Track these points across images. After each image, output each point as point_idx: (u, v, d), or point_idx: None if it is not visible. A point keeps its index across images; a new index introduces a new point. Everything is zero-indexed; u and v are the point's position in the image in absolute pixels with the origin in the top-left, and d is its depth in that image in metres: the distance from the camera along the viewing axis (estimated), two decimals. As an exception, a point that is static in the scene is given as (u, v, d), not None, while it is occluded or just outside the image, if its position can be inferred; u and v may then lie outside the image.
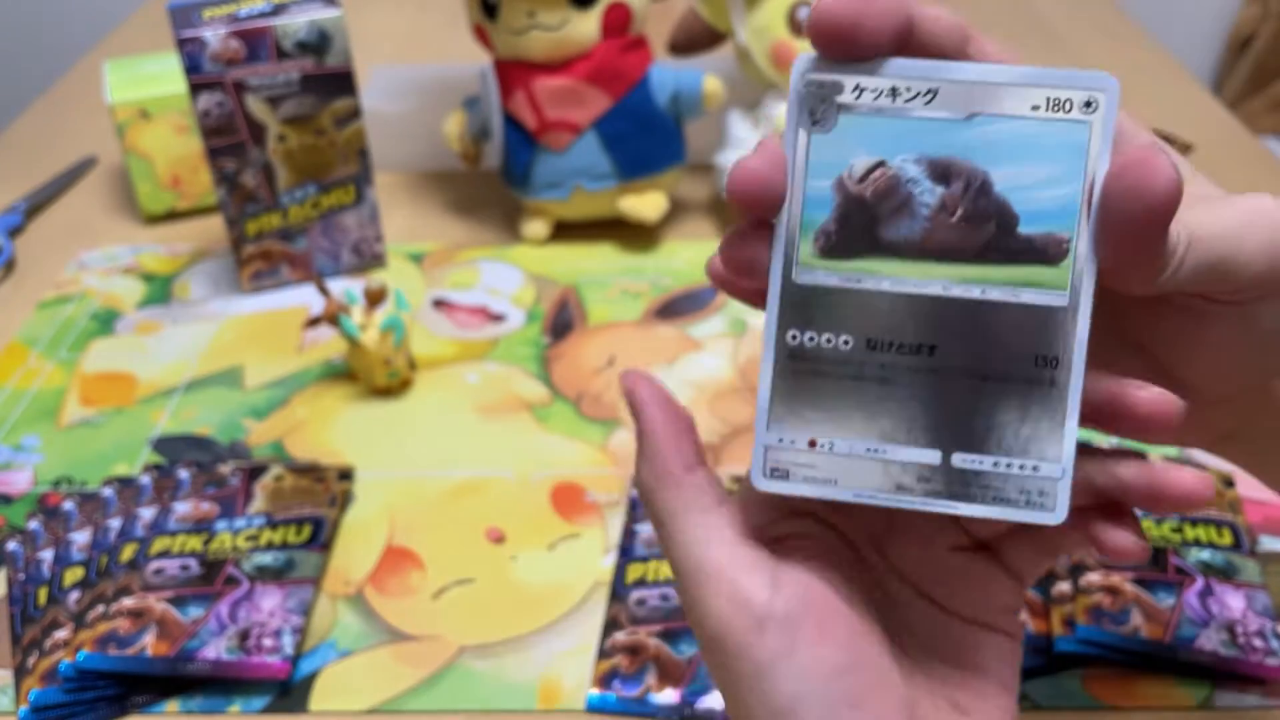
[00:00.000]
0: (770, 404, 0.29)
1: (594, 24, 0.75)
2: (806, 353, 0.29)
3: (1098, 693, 0.49)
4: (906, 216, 0.28)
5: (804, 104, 0.28)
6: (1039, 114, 0.27)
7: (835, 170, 0.28)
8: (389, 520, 0.59)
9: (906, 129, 0.28)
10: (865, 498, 0.29)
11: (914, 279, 0.28)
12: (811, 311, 0.28)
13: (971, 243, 0.28)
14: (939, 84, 0.27)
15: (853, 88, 0.28)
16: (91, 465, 0.63)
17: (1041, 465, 0.28)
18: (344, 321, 0.65)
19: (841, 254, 0.28)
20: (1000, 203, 0.27)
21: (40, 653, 0.51)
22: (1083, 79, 0.27)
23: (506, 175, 0.81)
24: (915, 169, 0.28)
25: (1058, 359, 0.28)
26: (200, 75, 0.70)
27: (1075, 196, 0.27)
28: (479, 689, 0.50)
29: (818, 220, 0.28)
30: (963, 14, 0.97)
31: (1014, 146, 0.27)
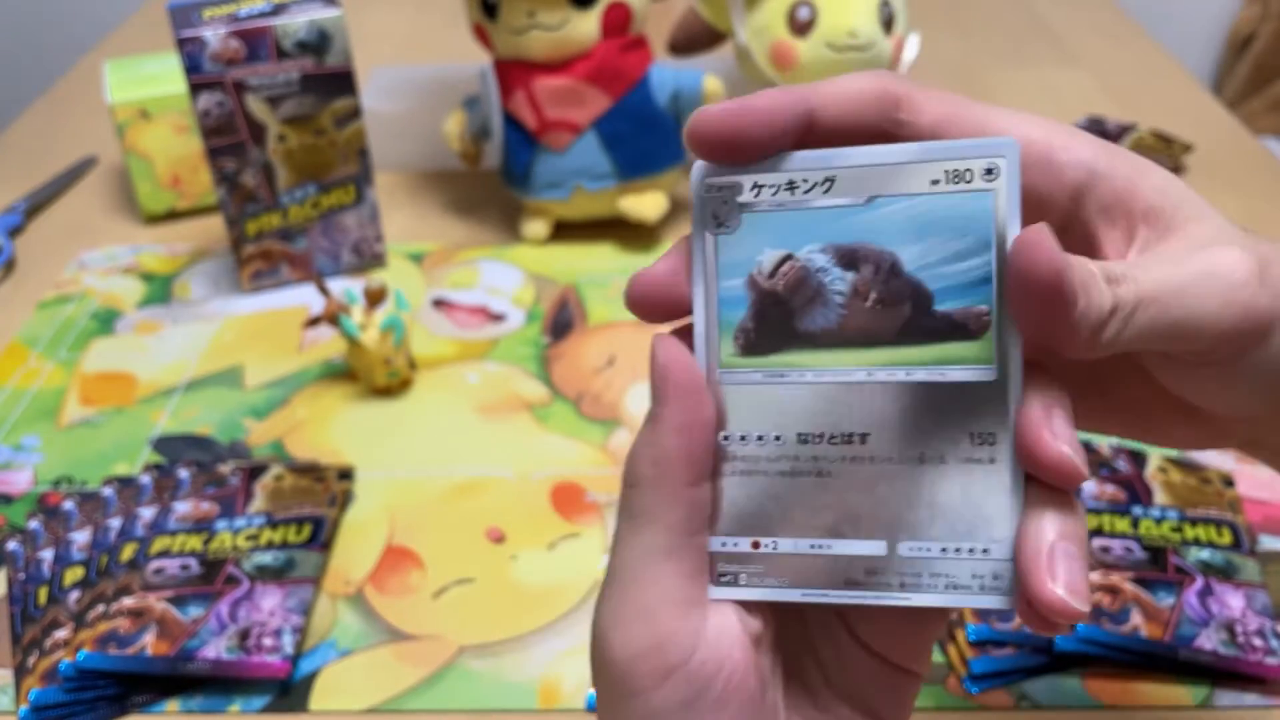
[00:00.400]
0: (711, 509, 0.28)
1: (594, 24, 0.75)
2: (739, 453, 0.28)
3: (1098, 693, 0.49)
4: (821, 306, 0.27)
5: (706, 209, 0.28)
6: (939, 188, 0.27)
7: (745, 268, 0.28)
8: (389, 520, 0.59)
9: (809, 220, 0.27)
10: (815, 596, 0.28)
11: (837, 368, 0.27)
12: (739, 412, 0.28)
13: (889, 326, 0.27)
14: (835, 172, 0.27)
15: (750, 186, 0.28)
16: (91, 465, 0.63)
17: (992, 547, 0.27)
18: (344, 321, 0.65)
19: (762, 350, 0.28)
20: (913, 282, 0.27)
21: (40, 652, 0.51)
22: (980, 147, 0.26)
23: (506, 175, 0.81)
24: (823, 258, 0.27)
25: (994, 434, 0.27)
26: (200, 75, 0.70)
27: (989, 267, 0.26)
28: (479, 689, 0.51)
29: (735, 320, 0.28)
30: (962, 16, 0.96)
31: (918, 224, 0.27)
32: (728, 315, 0.28)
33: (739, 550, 0.28)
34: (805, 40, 0.76)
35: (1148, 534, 0.54)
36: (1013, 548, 0.27)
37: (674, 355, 0.27)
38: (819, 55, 0.75)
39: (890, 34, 0.77)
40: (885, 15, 0.76)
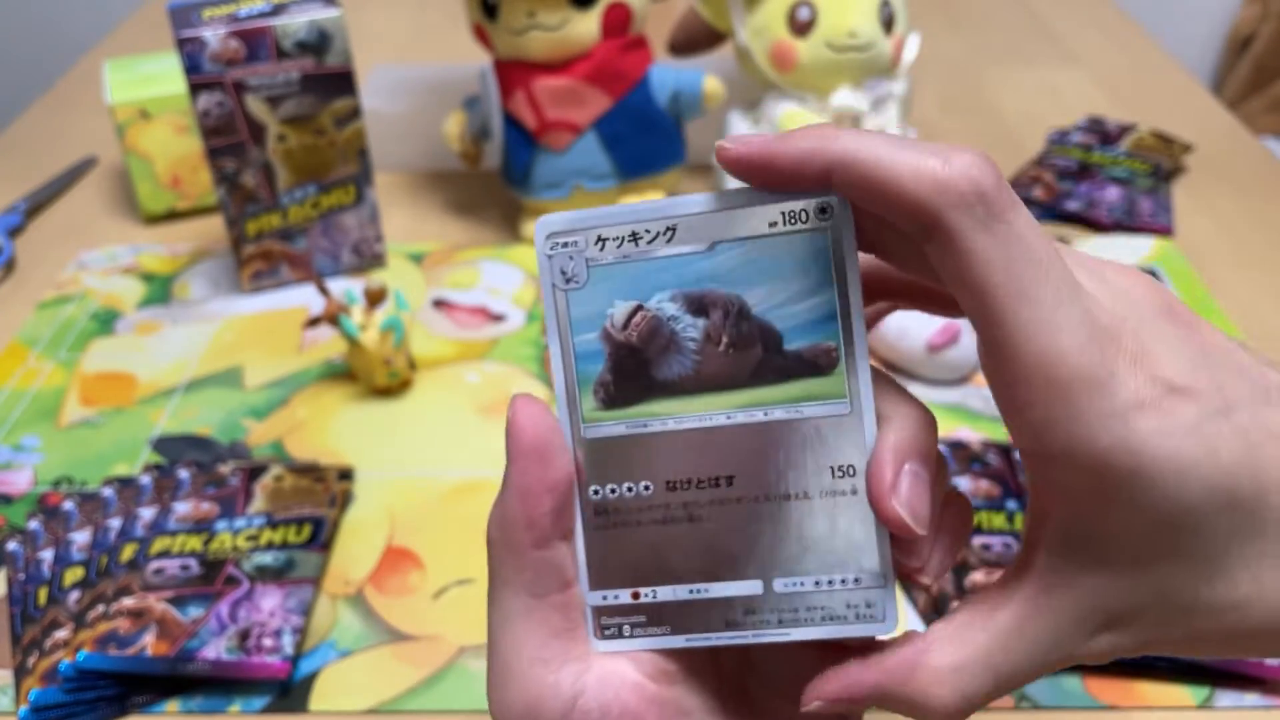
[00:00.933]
0: (588, 564, 0.29)
1: (594, 24, 0.75)
2: (611, 506, 0.28)
3: (1098, 693, 0.49)
4: (676, 354, 0.28)
5: (553, 265, 0.28)
6: (778, 229, 0.27)
7: (598, 322, 0.28)
8: (389, 520, 0.59)
9: (656, 269, 0.28)
10: (698, 641, 0.28)
11: (696, 413, 0.28)
12: (607, 465, 0.28)
13: (743, 368, 0.28)
14: (676, 220, 0.28)
15: (595, 240, 0.28)
16: (91, 465, 0.63)
17: (863, 576, 0.28)
18: (344, 321, 0.65)
19: (622, 402, 0.28)
20: (761, 324, 0.27)
21: (40, 653, 0.51)
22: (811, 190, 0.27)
23: (506, 175, 0.81)
24: (673, 306, 0.28)
25: (853, 465, 0.27)
26: (200, 75, 0.70)
27: (832, 304, 0.27)
28: (479, 689, 0.50)
29: (592, 374, 0.28)
30: (962, 16, 0.96)
31: (761, 266, 0.27)
32: (585, 370, 0.28)
33: (620, 603, 0.29)
34: (805, 40, 0.76)
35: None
36: (881, 575, 0.27)
37: (524, 416, 0.27)
38: (819, 55, 0.75)
39: (890, 34, 0.77)
40: (885, 15, 0.76)
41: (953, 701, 0.26)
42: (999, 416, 0.32)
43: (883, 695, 0.27)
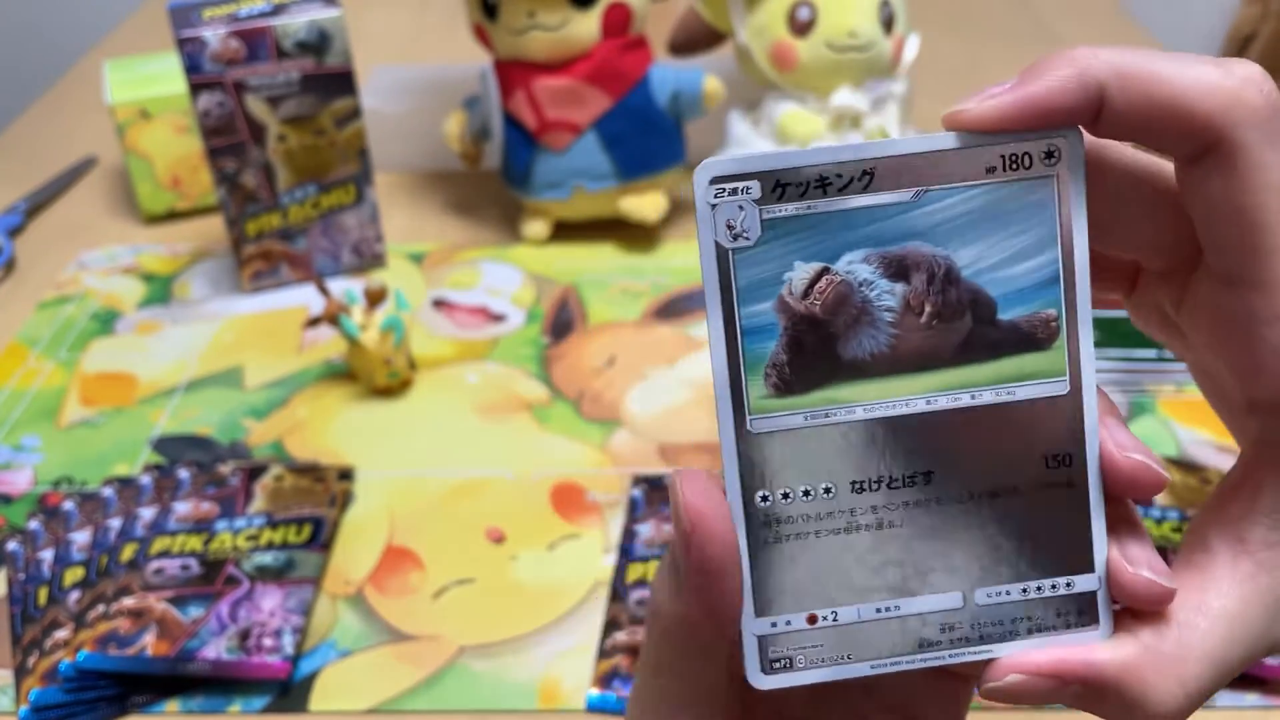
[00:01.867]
0: (753, 585, 0.24)
1: (594, 24, 0.75)
2: (782, 514, 0.24)
3: (1098, 693, 0.49)
4: (868, 327, 0.24)
5: (717, 217, 0.23)
6: (996, 176, 0.23)
7: (773, 289, 0.23)
8: (389, 520, 0.59)
9: (846, 222, 0.23)
10: (887, 666, 0.25)
11: (891, 399, 0.24)
12: (778, 465, 0.24)
13: (948, 343, 0.24)
14: (874, 163, 0.23)
15: (772, 186, 0.23)
16: (91, 465, 0.63)
17: (1075, 580, 0.24)
18: (344, 321, 0.65)
19: (801, 388, 0.24)
20: (972, 289, 0.24)
21: (40, 653, 0.51)
22: (1040, 132, 0.23)
23: (506, 175, 0.81)
24: (866, 269, 0.23)
25: (1070, 455, 0.24)
26: (200, 75, 0.70)
27: (1054, 264, 0.24)
28: (479, 689, 0.50)
29: (764, 353, 0.24)
30: (962, 16, 0.96)
31: (974, 220, 0.23)
32: (755, 348, 0.24)
33: (792, 629, 0.24)
34: (805, 40, 0.76)
35: (1150, 533, 0.54)
36: (1102, 577, 0.24)
37: (701, 512, 0.23)
38: (819, 55, 0.75)
39: (890, 34, 0.77)
40: (885, 15, 0.76)
41: (1178, 701, 0.23)
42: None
43: (1100, 685, 0.23)
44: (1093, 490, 0.24)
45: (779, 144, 0.78)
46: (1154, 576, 0.24)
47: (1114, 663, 0.23)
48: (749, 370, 0.24)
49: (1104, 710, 0.24)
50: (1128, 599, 0.24)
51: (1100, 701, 0.24)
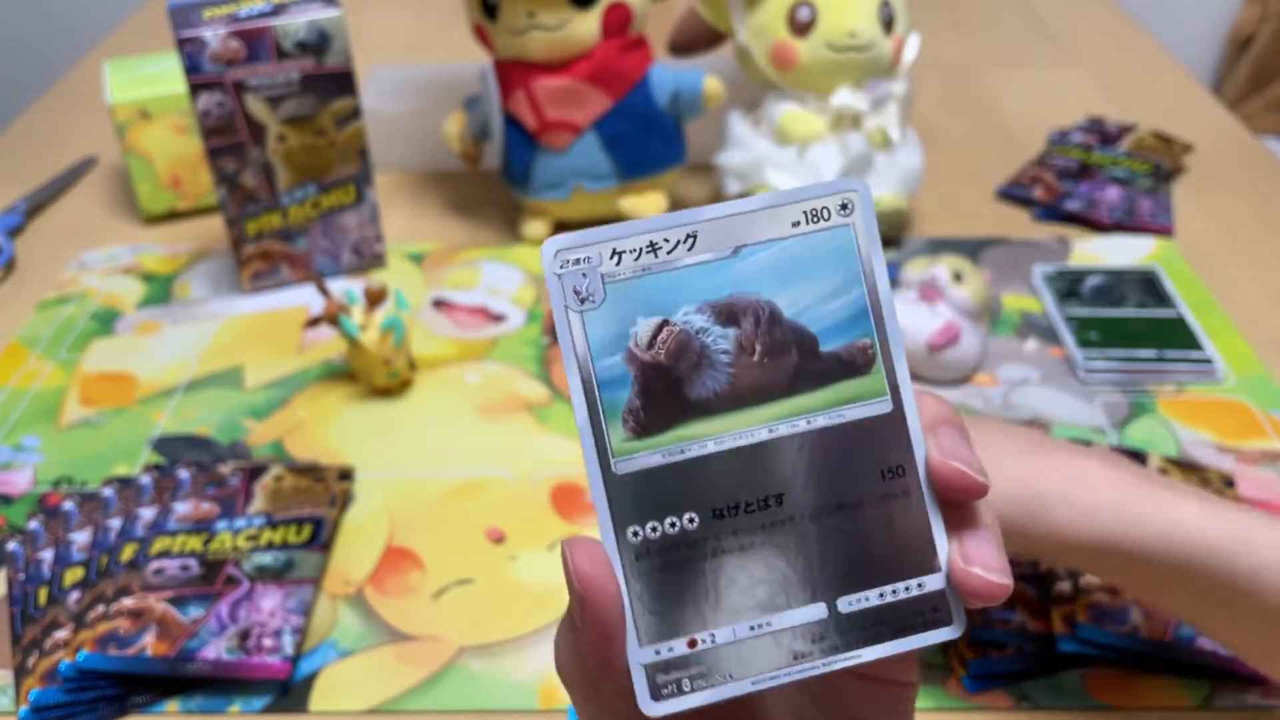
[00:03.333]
0: (634, 615, 0.26)
1: (594, 24, 0.75)
2: (654, 546, 0.26)
3: (1098, 693, 0.49)
4: (708, 369, 0.26)
5: (565, 285, 0.26)
6: (800, 229, 0.26)
7: (620, 343, 0.26)
8: (389, 520, 0.59)
9: (678, 280, 0.26)
10: (766, 681, 0.26)
11: (737, 430, 0.26)
12: (644, 501, 0.26)
13: (780, 376, 0.26)
14: (695, 227, 0.26)
15: (609, 254, 0.26)
16: (91, 465, 0.63)
17: (924, 580, 0.27)
18: (344, 321, 0.65)
19: (656, 429, 0.26)
20: (795, 327, 0.26)
21: (40, 653, 0.51)
22: (830, 186, 0.27)
23: (506, 175, 0.81)
24: (700, 318, 0.26)
25: (902, 466, 0.27)
26: (200, 75, 0.70)
27: (862, 299, 0.27)
28: (479, 689, 0.50)
29: (619, 401, 0.26)
30: (962, 16, 0.96)
31: (788, 268, 0.26)
32: (611, 397, 0.26)
33: (675, 655, 0.26)
34: (805, 40, 0.76)
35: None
36: (943, 576, 0.27)
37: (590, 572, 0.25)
38: (819, 55, 0.75)
39: (890, 34, 0.77)
40: (885, 15, 0.76)
41: None
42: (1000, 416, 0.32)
43: None
44: (927, 496, 0.27)
45: (779, 144, 0.78)
46: (985, 574, 0.26)
47: None
48: (608, 417, 0.26)
49: None
50: (966, 596, 0.26)
51: None
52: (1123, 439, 0.63)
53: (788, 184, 0.76)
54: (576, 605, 0.26)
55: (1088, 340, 0.70)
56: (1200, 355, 0.68)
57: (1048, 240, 0.82)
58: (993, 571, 0.26)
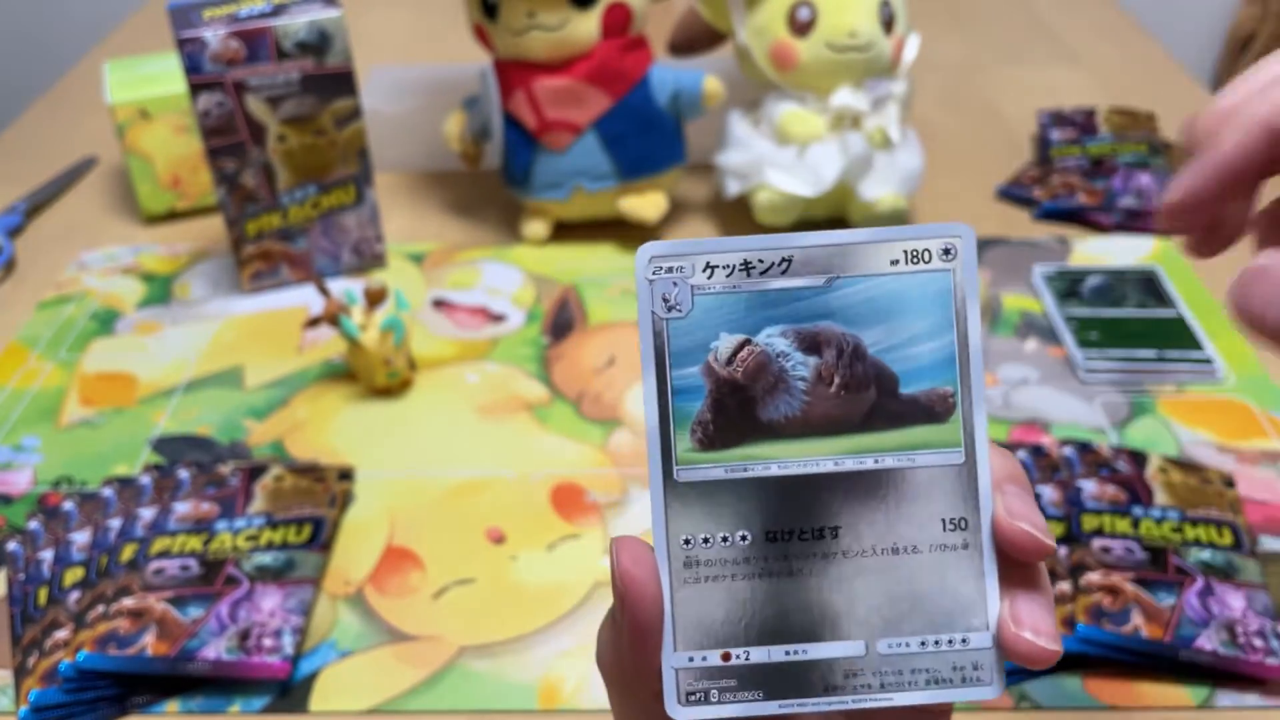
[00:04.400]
0: (674, 620, 0.27)
1: (594, 24, 0.75)
2: (703, 558, 0.27)
3: (1098, 693, 0.49)
4: (784, 393, 0.27)
5: (654, 291, 0.27)
6: (899, 268, 0.26)
7: (700, 355, 0.27)
8: (389, 520, 0.59)
9: (767, 301, 0.26)
10: (794, 706, 0.27)
11: (803, 458, 0.27)
12: (701, 512, 0.27)
13: (855, 411, 0.27)
14: (792, 252, 0.26)
15: (703, 267, 0.26)
16: (91, 465, 0.63)
17: (970, 636, 0.27)
18: (344, 321, 0.65)
19: (722, 444, 0.27)
20: (877, 365, 0.26)
21: (40, 653, 0.51)
22: (936, 229, 0.26)
23: (506, 175, 0.81)
24: (783, 342, 0.26)
25: (965, 519, 0.26)
26: (200, 75, 0.70)
27: (951, 347, 0.26)
28: (479, 689, 0.50)
29: (691, 411, 0.27)
30: (962, 16, 0.96)
31: (879, 305, 0.26)
32: (683, 407, 0.27)
33: (708, 665, 0.27)
34: (805, 40, 0.75)
35: (1148, 534, 0.54)
36: (994, 636, 0.26)
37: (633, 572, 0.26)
38: (819, 55, 0.75)
39: (890, 34, 0.77)
40: (885, 15, 0.76)
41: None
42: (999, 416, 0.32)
43: None
44: (986, 553, 0.27)
45: (779, 144, 0.78)
46: (1034, 639, 0.26)
47: None
48: (678, 425, 0.27)
49: None
50: (1012, 658, 0.26)
51: None
52: (1123, 439, 0.63)
53: (788, 184, 0.76)
54: (618, 602, 0.26)
55: (1088, 340, 0.70)
56: (1200, 355, 0.68)
57: (1048, 240, 0.82)
58: (1043, 636, 0.26)
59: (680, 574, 0.27)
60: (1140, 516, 0.56)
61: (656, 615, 0.26)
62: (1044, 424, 0.64)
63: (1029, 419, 0.65)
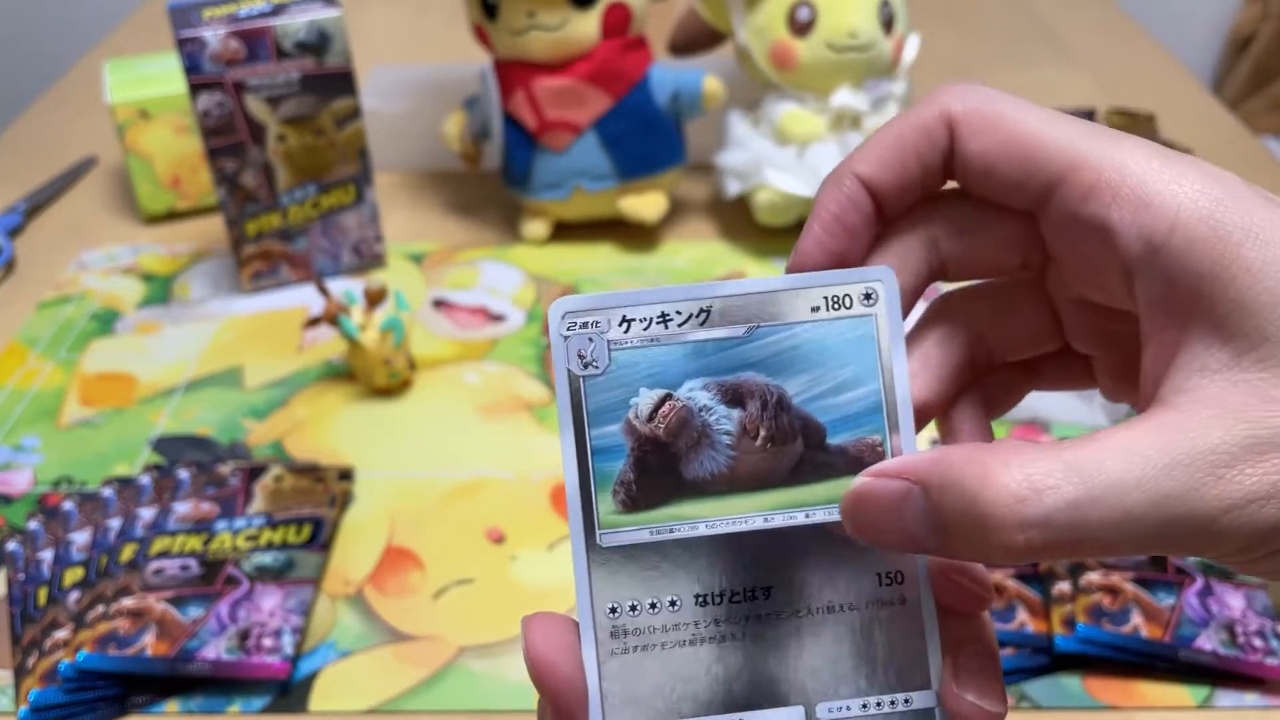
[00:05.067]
0: (601, 695, 0.25)
1: (594, 24, 0.75)
2: (631, 627, 0.25)
3: (1098, 693, 0.49)
4: (707, 449, 0.25)
5: (569, 348, 0.25)
6: (819, 315, 0.26)
7: (620, 413, 0.25)
8: (389, 520, 0.59)
9: (686, 355, 0.25)
10: None
11: (730, 516, 0.25)
12: (626, 578, 0.25)
13: (782, 465, 0.25)
14: (710, 302, 0.25)
15: (619, 321, 0.25)
16: (91, 465, 0.63)
17: (913, 697, 0.25)
18: (344, 321, 0.65)
19: (646, 505, 0.25)
20: (803, 416, 0.25)
21: (40, 653, 0.51)
22: (857, 274, 0.26)
23: (506, 175, 0.81)
24: (706, 396, 0.25)
25: (901, 573, 0.25)
26: (200, 75, 0.70)
27: (877, 395, 0.26)
28: (479, 689, 0.50)
29: (612, 472, 0.25)
30: (962, 16, 0.96)
31: (802, 354, 0.25)
32: (604, 467, 0.25)
33: None
34: (805, 40, 0.76)
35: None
36: (934, 695, 0.25)
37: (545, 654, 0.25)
38: (819, 55, 0.75)
39: (890, 34, 0.77)
40: (885, 15, 0.76)
41: (1019, 490, 0.21)
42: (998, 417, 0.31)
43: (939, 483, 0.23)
44: (925, 607, 0.26)
45: (779, 144, 0.78)
46: (978, 701, 0.25)
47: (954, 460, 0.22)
48: (599, 487, 0.25)
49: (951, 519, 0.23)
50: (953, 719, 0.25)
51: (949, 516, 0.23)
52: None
53: (788, 184, 0.76)
54: (535, 685, 0.25)
55: (1088, 340, 0.70)
56: (1200, 355, 0.68)
57: (1048, 240, 0.82)
58: (986, 699, 0.25)
59: (607, 645, 0.25)
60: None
61: (576, 695, 0.25)
62: (1044, 424, 0.64)
63: (1029, 419, 0.65)
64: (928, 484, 0.23)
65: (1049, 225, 0.25)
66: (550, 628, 0.25)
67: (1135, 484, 0.21)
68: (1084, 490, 0.21)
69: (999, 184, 0.25)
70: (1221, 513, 0.21)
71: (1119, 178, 0.23)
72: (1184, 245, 0.22)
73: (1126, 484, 0.21)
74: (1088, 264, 0.25)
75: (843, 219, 0.26)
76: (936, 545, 0.23)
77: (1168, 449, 0.21)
